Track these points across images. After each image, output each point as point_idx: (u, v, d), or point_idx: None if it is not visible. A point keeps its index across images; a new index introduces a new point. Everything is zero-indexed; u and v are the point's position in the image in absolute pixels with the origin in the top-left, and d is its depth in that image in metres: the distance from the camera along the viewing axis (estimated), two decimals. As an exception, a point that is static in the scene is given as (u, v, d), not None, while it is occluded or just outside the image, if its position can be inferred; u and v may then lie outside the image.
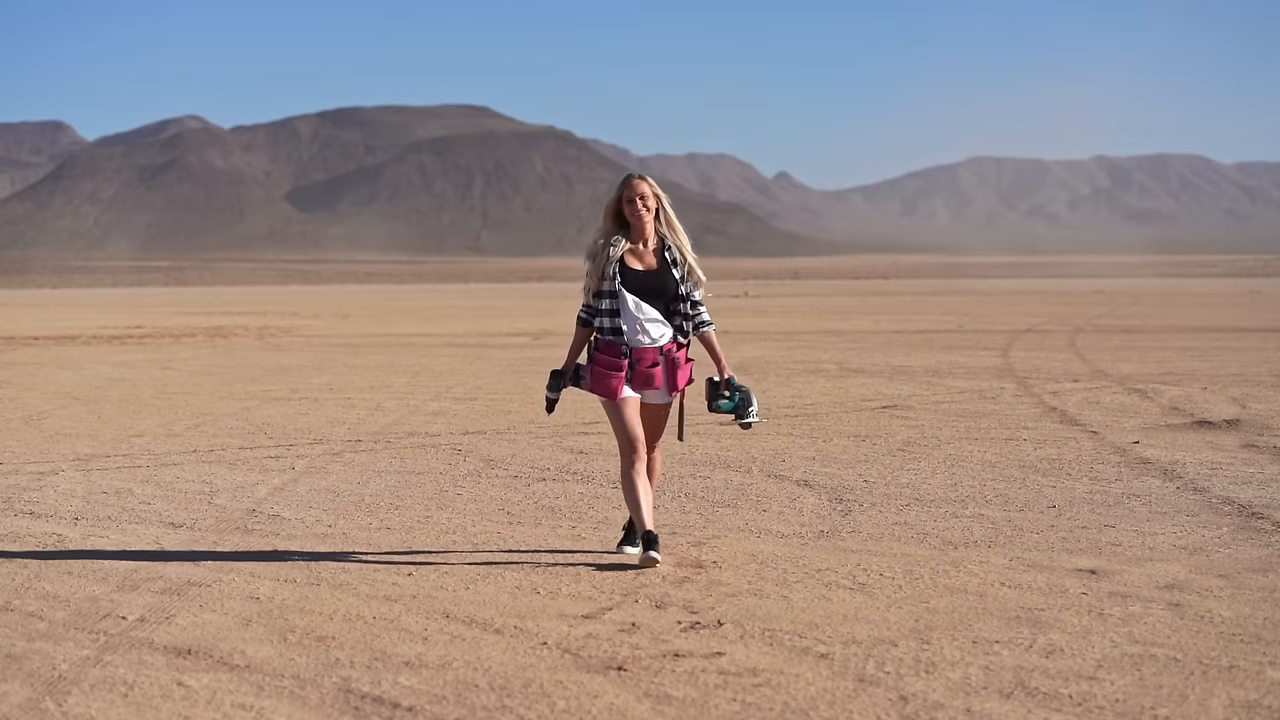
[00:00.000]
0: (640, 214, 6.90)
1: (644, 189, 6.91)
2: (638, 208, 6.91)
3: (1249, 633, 5.41)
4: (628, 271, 6.88)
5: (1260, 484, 8.92)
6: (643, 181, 6.94)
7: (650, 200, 6.91)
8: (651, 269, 6.91)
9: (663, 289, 6.89)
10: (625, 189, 6.94)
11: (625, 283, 6.86)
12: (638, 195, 6.90)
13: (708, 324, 7.01)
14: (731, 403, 6.93)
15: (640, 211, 6.90)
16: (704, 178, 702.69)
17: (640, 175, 6.98)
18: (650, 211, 6.92)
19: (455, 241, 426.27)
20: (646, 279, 6.89)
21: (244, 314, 45.31)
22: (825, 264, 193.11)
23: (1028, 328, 29.91)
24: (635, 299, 6.85)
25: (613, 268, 6.86)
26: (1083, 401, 14.14)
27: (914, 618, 5.69)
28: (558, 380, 6.95)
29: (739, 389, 6.97)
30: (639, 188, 6.93)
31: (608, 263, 6.88)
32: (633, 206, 6.91)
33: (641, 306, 6.86)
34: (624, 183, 6.98)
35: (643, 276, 6.89)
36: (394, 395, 15.88)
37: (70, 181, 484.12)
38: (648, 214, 6.91)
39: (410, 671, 5.05)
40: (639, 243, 6.93)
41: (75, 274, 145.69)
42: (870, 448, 10.91)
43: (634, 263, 6.92)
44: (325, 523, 8.02)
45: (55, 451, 11.25)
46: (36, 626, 5.73)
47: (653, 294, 6.87)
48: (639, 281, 6.88)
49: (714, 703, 4.65)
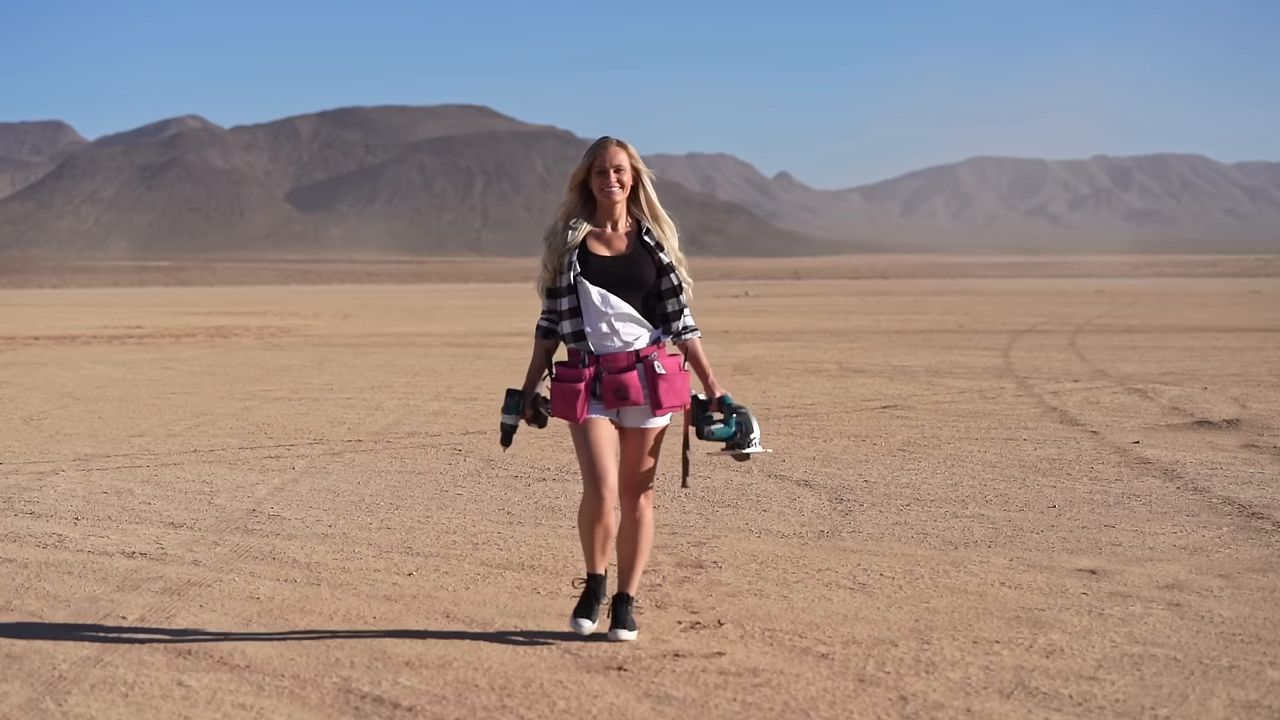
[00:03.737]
0: (611, 190, 5.40)
1: (620, 158, 5.40)
2: (610, 182, 5.40)
3: (1249, 633, 5.41)
4: (590, 258, 5.40)
5: (1260, 484, 8.92)
6: (620, 149, 5.41)
7: (627, 174, 5.42)
8: (622, 254, 5.42)
9: (638, 279, 5.41)
10: (596, 156, 5.42)
11: (588, 272, 5.38)
12: (611, 165, 5.40)
13: (692, 329, 5.57)
14: (726, 428, 5.51)
15: (612, 187, 5.40)
16: (704, 178, 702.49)
17: (619, 140, 5.44)
18: (625, 189, 5.43)
19: (455, 241, 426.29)
20: (616, 266, 5.41)
21: (244, 314, 45.31)
22: (825, 264, 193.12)
23: (1028, 328, 29.90)
24: (601, 291, 5.37)
25: (569, 257, 5.39)
26: (1083, 401, 14.14)
27: (914, 618, 5.69)
28: (515, 401, 5.47)
29: (735, 410, 5.54)
30: (614, 156, 5.40)
31: (565, 251, 5.40)
32: (604, 180, 5.41)
33: (609, 300, 5.38)
34: (596, 148, 5.44)
35: (611, 264, 5.41)
36: (394, 395, 15.88)
37: (70, 181, 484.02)
38: (621, 191, 5.42)
39: (410, 671, 5.05)
40: (607, 225, 5.47)
41: (75, 274, 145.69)
42: (870, 448, 10.90)
43: (599, 248, 5.43)
44: (325, 523, 8.02)
45: (55, 451, 11.25)
46: (36, 626, 5.73)
47: (625, 285, 5.40)
48: (606, 270, 5.40)
49: (714, 703, 4.65)
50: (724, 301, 53.53)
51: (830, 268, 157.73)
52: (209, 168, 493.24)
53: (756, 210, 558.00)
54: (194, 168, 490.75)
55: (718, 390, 5.58)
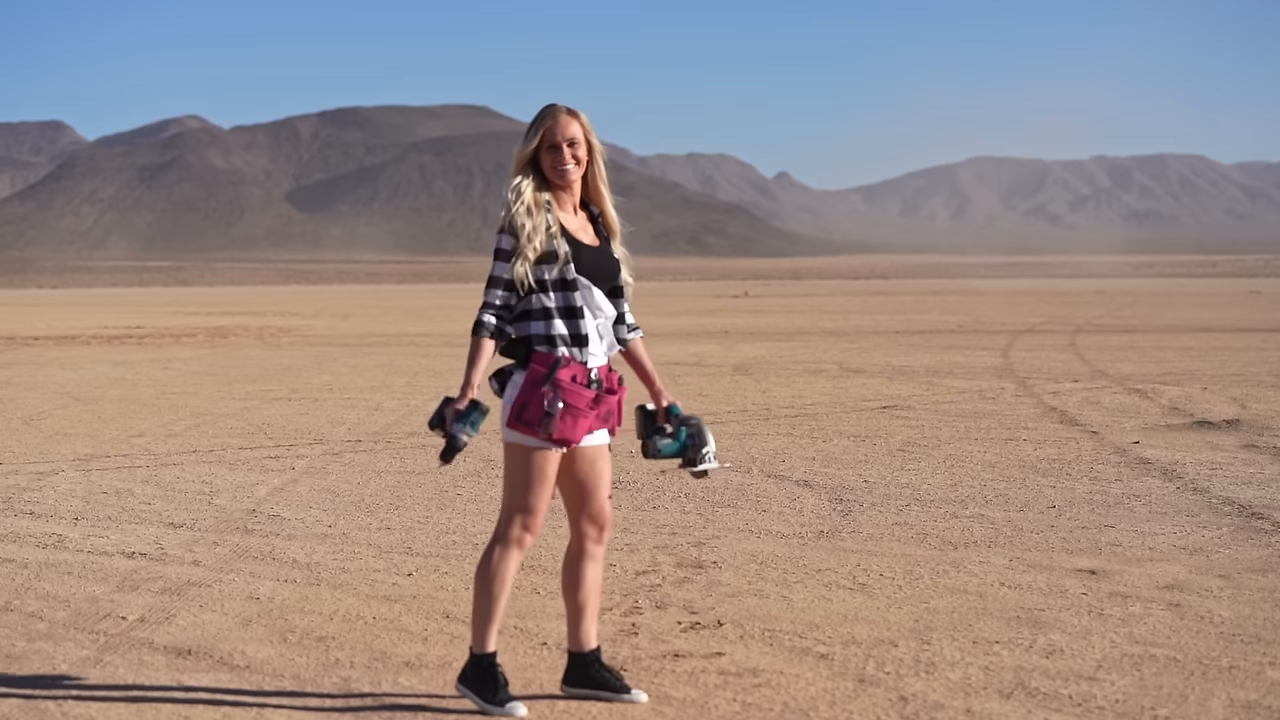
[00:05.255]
0: (566, 168, 4.59)
1: (574, 129, 4.58)
2: (564, 158, 4.58)
3: (1249, 633, 5.41)
4: (582, 249, 4.61)
5: (1260, 484, 8.92)
6: (572, 118, 4.60)
7: (582, 148, 4.61)
8: (595, 244, 4.67)
9: (613, 273, 4.69)
10: (546, 129, 4.58)
11: (579, 265, 4.58)
12: (564, 139, 4.57)
13: (637, 329, 4.81)
14: (677, 443, 4.71)
15: (567, 164, 4.59)
16: (704, 178, 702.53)
17: (569, 109, 4.62)
18: (580, 165, 4.63)
19: (455, 241, 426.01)
20: (599, 260, 4.64)
21: (244, 314, 45.30)
22: (825, 264, 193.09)
23: (1028, 328, 29.90)
24: (597, 289, 4.62)
25: (563, 244, 4.55)
26: (1083, 401, 14.14)
27: (914, 618, 5.69)
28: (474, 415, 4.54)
29: (686, 422, 4.75)
30: (566, 127, 4.58)
31: (551, 234, 4.54)
32: (557, 156, 4.58)
33: (602, 301, 4.65)
34: (544, 119, 4.59)
35: (595, 256, 4.63)
36: (394, 395, 15.88)
37: (70, 181, 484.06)
38: (577, 169, 4.62)
39: (410, 671, 5.05)
40: (568, 209, 4.67)
41: (75, 274, 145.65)
42: (870, 448, 10.90)
43: (580, 235, 4.65)
44: (325, 523, 8.02)
45: (55, 451, 11.25)
46: (36, 626, 5.73)
47: (604, 280, 4.65)
48: (594, 263, 4.62)
49: (714, 703, 4.65)
50: (724, 302, 53.53)
51: (830, 268, 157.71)
52: (209, 168, 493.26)
53: (756, 210, 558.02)
54: (194, 168, 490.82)
55: (665, 398, 4.79)
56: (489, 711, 4.55)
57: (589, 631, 4.72)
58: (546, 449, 4.51)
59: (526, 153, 4.59)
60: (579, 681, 4.71)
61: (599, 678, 4.69)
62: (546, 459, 4.52)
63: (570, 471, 4.63)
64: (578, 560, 4.70)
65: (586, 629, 4.72)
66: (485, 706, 4.56)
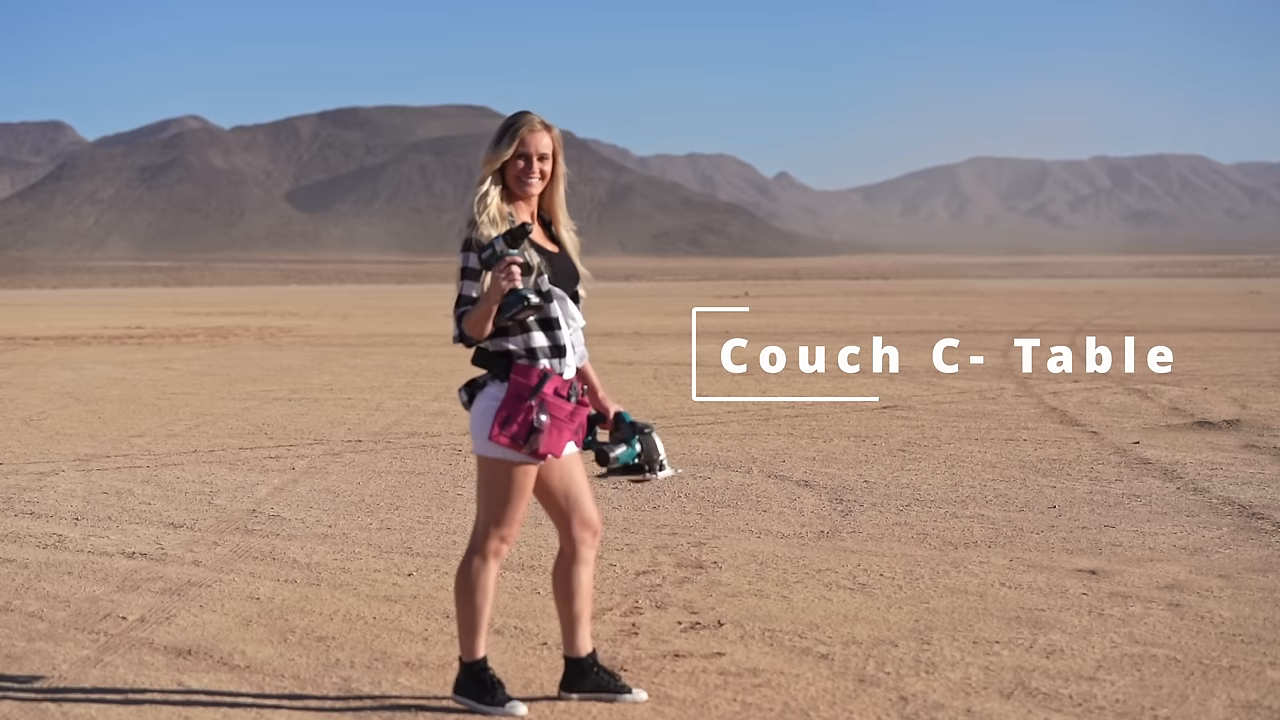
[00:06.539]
0: (530, 182, 4.51)
1: (546, 143, 4.51)
2: (531, 172, 4.51)
3: (1249, 633, 5.41)
4: (554, 258, 4.56)
5: (1260, 484, 8.92)
6: (547, 133, 4.52)
7: (549, 163, 4.54)
8: (555, 250, 4.59)
9: (573, 277, 4.60)
10: (519, 139, 4.47)
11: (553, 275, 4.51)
12: (535, 153, 4.49)
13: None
14: (630, 451, 4.55)
15: (533, 178, 4.51)
16: (704, 178, 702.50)
17: (544, 121, 4.53)
18: (545, 180, 4.56)
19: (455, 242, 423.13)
20: (562, 265, 4.57)
21: (244, 314, 45.30)
22: (825, 264, 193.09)
23: (1028, 328, 29.90)
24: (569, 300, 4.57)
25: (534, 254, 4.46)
26: (1083, 402, 14.14)
27: (914, 618, 5.69)
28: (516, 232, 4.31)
29: (639, 430, 4.59)
30: (540, 141, 4.50)
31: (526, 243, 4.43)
32: (527, 170, 4.50)
33: (574, 312, 4.57)
34: (517, 127, 4.48)
35: (559, 262, 4.56)
36: (394, 395, 15.88)
37: (70, 181, 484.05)
38: (540, 184, 4.54)
39: (410, 671, 5.05)
40: (523, 216, 4.58)
41: (75, 274, 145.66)
42: (870, 448, 10.90)
43: (546, 243, 4.58)
44: (325, 523, 8.02)
45: (55, 451, 11.25)
46: (36, 626, 5.73)
47: (568, 286, 4.58)
48: (560, 269, 4.56)
49: (714, 703, 4.64)
50: (724, 302, 53.52)
51: (830, 268, 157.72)
52: (209, 168, 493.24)
53: (756, 210, 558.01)
54: (194, 168, 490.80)
55: (611, 406, 4.68)
56: (490, 714, 4.55)
57: (585, 636, 4.70)
58: (528, 464, 4.44)
59: (499, 159, 4.48)
60: (577, 687, 4.70)
61: (597, 680, 4.68)
62: (526, 473, 4.45)
63: (551, 483, 4.58)
64: (571, 566, 4.64)
65: (582, 634, 4.70)
66: (485, 710, 4.56)
